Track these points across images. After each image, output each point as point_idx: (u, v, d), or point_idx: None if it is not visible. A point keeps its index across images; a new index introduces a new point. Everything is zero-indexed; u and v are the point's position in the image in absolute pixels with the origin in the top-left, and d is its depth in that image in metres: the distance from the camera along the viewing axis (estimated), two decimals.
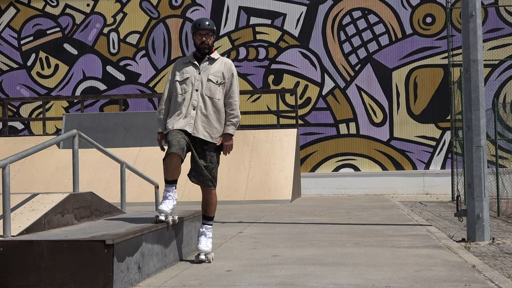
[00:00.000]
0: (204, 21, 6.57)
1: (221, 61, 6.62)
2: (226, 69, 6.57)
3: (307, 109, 20.87)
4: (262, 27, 21.21)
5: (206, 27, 6.53)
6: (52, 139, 6.44)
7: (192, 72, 6.54)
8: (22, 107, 21.97)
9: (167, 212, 6.31)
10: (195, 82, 6.50)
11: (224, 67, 6.58)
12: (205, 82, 6.49)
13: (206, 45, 6.53)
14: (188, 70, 6.57)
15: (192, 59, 6.62)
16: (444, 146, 20.41)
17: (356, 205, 14.37)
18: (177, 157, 6.22)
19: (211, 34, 6.57)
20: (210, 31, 6.56)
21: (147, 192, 14.57)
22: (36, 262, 5.04)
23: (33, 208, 5.93)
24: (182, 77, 6.56)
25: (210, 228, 6.63)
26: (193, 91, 6.47)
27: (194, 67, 6.57)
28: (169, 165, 6.27)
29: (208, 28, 6.53)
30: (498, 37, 20.36)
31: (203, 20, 6.60)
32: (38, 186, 16.16)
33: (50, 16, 21.94)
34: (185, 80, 6.52)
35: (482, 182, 8.64)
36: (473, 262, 6.24)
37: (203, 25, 6.53)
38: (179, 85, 6.54)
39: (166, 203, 6.31)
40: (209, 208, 6.60)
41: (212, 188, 6.51)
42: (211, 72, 6.52)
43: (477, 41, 8.74)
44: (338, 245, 7.54)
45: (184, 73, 6.57)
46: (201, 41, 6.53)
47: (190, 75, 6.53)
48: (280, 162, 16.62)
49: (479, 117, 8.69)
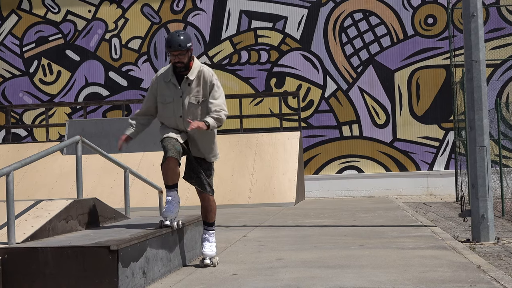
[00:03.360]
0: (176, 42, 6.17)
1: (201, 76, 6.34)
2: (204, 83, 6.33)
3: (310, 112, 20.87)
4: (263, 31, 21.22)
5: (177, 49, 6.17)
6: (55, 146, 6.45)
7: (174, 96, 6.33)
8: (25, 114, 21.99)
9: (172, 216, 6.32)
10: (177, 108, 6.32)
11: (203, 81, 6.33)
12: (187, 106, 6.30)
13: (181, 64, 6.26)
14: (169, 94, 6.35)
15: (173, 78, 6.34)
16: (447, 146, 20.38)
17: (360, 207, 14.35)
18: (174, 161, 6.22)
19: (184, 52, 6.21)
20: (183, 51, 6.21)
21: (151, 197, 14.57)
22: (41, 269, 5.05)
23: (37, 215, 5.93)
24: (164, 101, 6.39)
25: (212, 233, 6.63)
26: (177, 118, 6.35)
27: (175, 89, 6.33)
28: (168, 170, 6.29)
29: (179, 49, 6.18)
30: (500, 36, 20.34)
31: (174, 40, 6.19)
32: (42, 192, 16.16)
33: (52, 23, 21.97)
34: (168, 105, 6.37)
35: (486, 182, 8.63)
36: (478, 263, 6.23)
37: (174, 47, 6.17)
38: (163, 109, 6.42)
39: (170, 208, 6.32)
40: (209, 215, 6.60)
41: (210, 194, 6.50)
42: (191, 93, 6.31)
43: (479, 41, 8.74)
44: (343, 247, 7.53)
45: (166, 96, 6.37)
46: (174, 62, 6.27)
47: (172, 100, 6.33)
48: (284, 165, 16.61)
49: (482, 117, 8.68)
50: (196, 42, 21.32)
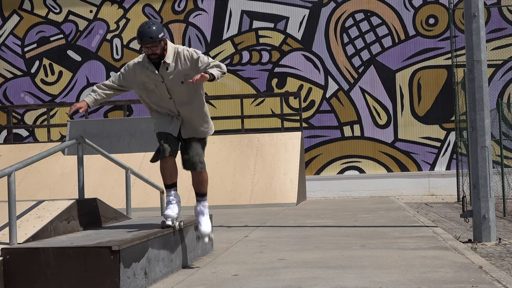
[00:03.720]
0: (147, 34, 6.06)
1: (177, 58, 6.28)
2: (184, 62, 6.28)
3: (311, 112, 20.87)
4: (265, 31, 21.22)
5: (149, 42, 6.08)
6: (57, 146, 6.45)
7: (155, 82, 6.32)
8: (26, 114, 22.01)
9: (173, 216, 6.33)
10: (163, 92, 6.33)
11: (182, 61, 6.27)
12: (172, 88, 6.30)
13: (155, 55, 6.20)
14: (149, 81, 6.33)
15: (150, 66, 6.29)
16: (449, 147, 20.38)
17: (362, 207, 14.35)
18: (171, 160, 6.32)
19: (157, 43, 6.12)
20: (156, 42, 6.12)
21: (152, 197, 14.57)
22: (42, 269, 5.05)
23: (39, 215, 5.94)
24: (147, 87, 6.37)
25: (206, 205, 6.68)
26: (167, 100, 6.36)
27: (154, 75, 6.30)
28: (165, 169, 6.37)
29: (151, 42, 6.09)
30: (501, 37, 20.34)
31: (145, 32, 6.08)
32: (43, 193, 16.18)
33: (53, 23, 21.98)
34: (154, 91, 6.36)
35: (487, 182, 8.62)
36: (480, 263, 6.23)
37: (146, 40, 6.07)
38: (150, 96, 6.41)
39: (171, 208, 6.34)
40: (201, 186, 6.60)
41: (202, 170, 6.51)
42: (171, 76, 6.27)
43: (480, 42, 8.74)
44: (344, 248, 7.53)
45: (146, 83, 6.35)
46: (148, 54, 6.20)
47: (155, 87, 6.33)
48: (285, 165, 16.61)
49: (484, 117, 8.68)
50: (198, 42, 21.33)
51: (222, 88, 21.01)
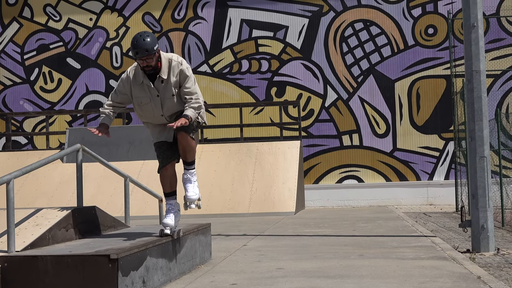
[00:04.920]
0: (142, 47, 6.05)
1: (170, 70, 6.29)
2: (175, 74, 6.29)
3: (310, 121, 20.88)
4: (264, 40, 21.25)
5: (144, 55, 6.09)
6: (55, 154, 6.45)
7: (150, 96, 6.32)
8: (25, 122, 22.01)
9: (172, 225, 6.32)
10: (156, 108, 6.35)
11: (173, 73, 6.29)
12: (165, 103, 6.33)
13: (150, 68, 6.22)
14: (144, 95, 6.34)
15: (145, 79, 6.30)
16: (447, 156, 20.38)
17: (360, 217, 14.34)
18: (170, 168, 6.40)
19: (152, 55, 6.13)
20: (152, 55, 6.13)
21: (151, 205, 14.56)
22: (40, 277, 5.04)
23: (37, 223, 5.93)
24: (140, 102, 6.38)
25: (193, 173, 6.55)
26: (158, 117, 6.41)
27: (149, 89, 6.31)
28: (165, 177, 6.44)
29: (146, 55, 6.10)
30: (500, 47, 20.38)
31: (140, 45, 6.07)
32: (41, 200, 16.16)
33: (53, 31, 22.01)
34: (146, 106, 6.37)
35: (486, 192, 8.62)
36: (478, 273, 6.23)
37: (141, 53, 6.07)
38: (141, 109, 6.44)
39: (170, 216, 6.34)
40: (188, 154, 6.45)
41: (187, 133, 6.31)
42: (166, 89, 6.29)
43: (479, 52, 8.75)
44: (343, 257, 7.52)
45: (141, 98, 6.36)
46: (143, 66, 6.22)
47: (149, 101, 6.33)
48: (284, 174, 16.61)
49: (482, 127, 8.69)
50: (197, 50, 21.36)
51: (221, 96, 21.03)
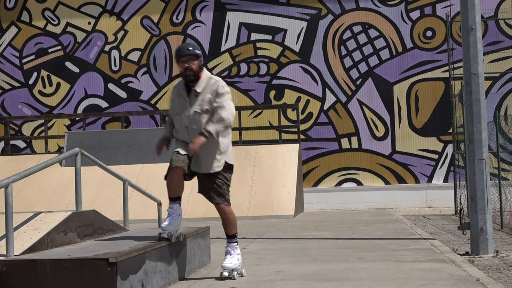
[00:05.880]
0: (184, 47, 6.38)
1: (208, 86, 6.41)
2: (212, 94, 6.40)
3: (309, 124, 20.88)
4: (263, 43, 21.27)
5: (186, 53, 6.32)
6: (54, 158, 6.45)
7: (182, 107, 6.43)
8: (24, 126, 22.00)
9: (170, 229, 6.30)
10: (185, 119, 6.40)
11: (210, 92, 6.39)
12: (191, 116, 6.38)
13: (190, 71, 6.35)
14: (178, 105, 6.46)
15: (183, 91, 6.46)
16: (446, 159, 20.39)
17: (359, 220, 14.34)
18: (178, 172, 6.23)
19: (194, 58, 6.35)
20: (192, 55, 6.34)
21: (150, 209, 14.54)
22: (39, 281, 5.03)
23: (36, 227, 5.92)
24: (174, 113, 6.52)
25: (234, 246, 6.51)
26: (183, 128, 6.43)
27: (183, 100, 6.44)
28: (171, 182, 6.29)
29: (188, 53, 6.33)
30: (499, 50, 20.40)
31: (183, 46, 6.43)
32: (40, 204, 16.14)
33: (51, 35, 22.01)
34: (178, 116, 6.47)
35: (485, 195, 8.62)
36: (478, 276, 6.22)
37: (183, 51, 6.34)
38: (175, 120, 6.54)
39: (169, 220, 6.31)
40: (227, 228, 6.52)
41: (224, 204, 6.43)
42: (197, 103, 6.38)
43: (478, 54, 8.76)
44: (342, 260, 7.52)
45: (176, 108, 6.50)
46: (184, 68, 6.35)
47: (181, 112, 6.43)
48: (283, 177, 16.60)
49: (481, 130, 8.69)
50: None
51: None
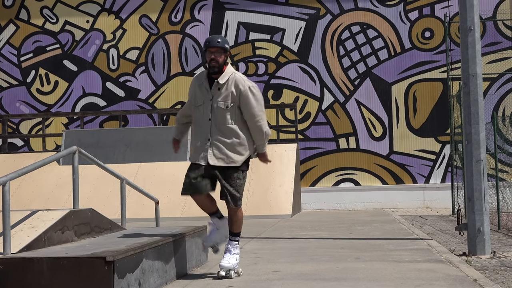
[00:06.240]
0: (215, 39, 6.38)
1: (231, 81, 6.40)
2: (236, 89, 6.37)
3: (307, 124, 20.89)
4: (261, 42, 21.27)
5: (215, 45, 6.33)
6: (52, 156, 6.44)
7: (204, 99, 6.43)
8: (21, 124, 21.98)
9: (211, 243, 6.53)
10: (206, 111, 6.40)
11: (234, 87, 6.37)
12: (215, 110, 6.37)
13: (216, 63, 6.35)
14: (201, 96, 6.46)
15: (205, 82, 6.46)
16: (444, 159, 20.40)
17: (357, 220, 14.34)
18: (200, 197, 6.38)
19: (221, 51, 6.36)
20: (221, 48, 6.35)
21: (147, 208, 14.53)
22: (36, 279, 5.03)
23: (33, 225, 5.92)
24: (196, 103, 6.51)
25: (235, 244, 6.50)
26: (206, 121, 6.40)
27: (206, 92, 6.43)
28: (197, 203, 6.50)
29: (217, 45, 6.34)
30: (497, 50, 20.42)
31: (214, 37, 6.42)
32: (38, 202, 16.13)
33: (49, 33, 21.99)
34: (199, 107, 6.46)
35: (482, 195, 8.63)
36: (475, 276, 6.23)
37: (213, 42, 6.35)
38: (195, 112, 6.54)
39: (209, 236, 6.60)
40: (232, 226, 6.52)
41: (233, 207, 6.41)
42: (220, 97, 6.37)
43: (476, 55, 8.76)
44: (339, 260, 7.52)
45: (197, 99, 6.49)
46: (210, 59, 6.37)
47: (203, 103, 6.43)
48: (280, 177, 16.60)
49: (479, 130, 8.70)
50: (194, 53, 21.36)
51: None
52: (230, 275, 6.37)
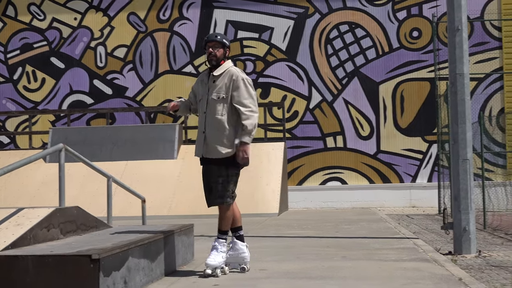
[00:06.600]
0: (214, 34, 6.60)
1: (226, 73, 6.51)
2: (229, 80, 6.46)
3: (295, 123, 20.91)
4: (249, 41, 21.26)
5: (213, 39, 6.51)
6: (38, 153, 6.41)
7: (203, 93, 6.59)
8: (8, 121, 21.87)
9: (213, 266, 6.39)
10: (203, 105, 6.56)
11: (228, 79, 6.47)
12: (210, 102, 6.49)
13: (214, 56, 6.50)
14: (200, 91, 6.64)
15: (205, 77, 6.64)
16: (430, 159, 20.48)
17: (343, 218, 14.37)
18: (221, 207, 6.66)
19: (219, 46, 6.51)
20: (219, 43, 6.51)
21: (134, 206, 14.50)
22: (21, 277, 5.00)
23: (19, 222, 5.89)
24: (197, 99, 6.70)
25: (222, 242, 6.54)
26: (202, 114, 6.57)
27: (204, 86, 6.59)
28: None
29: (215, 40, 6.51)
30: (484, 51, 20.51)
31: (213, 33, 6.66)
32: (23, 200, 16.06)
33: (37, 30, 21.90)
34: (199, 102, 6.64)
35: (468, 195, 8.66)
36: (460, 275, 6.25)
37: (211, 37, 6.56)
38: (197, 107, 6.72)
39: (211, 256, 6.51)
40: (220, 223, 6.64)
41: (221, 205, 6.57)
42: (214, 90, 6.48)
43: (463, 55, 8.80)
44: (326, 259, 7.53)
45: (198, 94, 6.68)
46: (208, 53, 6.54)
47: (202, 97, 6.59)
48: (268, 175, 16.60)
49: (465, 130, 8.73)
50: (182, 51, 21.32)
51: None
52: (216, 273, 6.35)
